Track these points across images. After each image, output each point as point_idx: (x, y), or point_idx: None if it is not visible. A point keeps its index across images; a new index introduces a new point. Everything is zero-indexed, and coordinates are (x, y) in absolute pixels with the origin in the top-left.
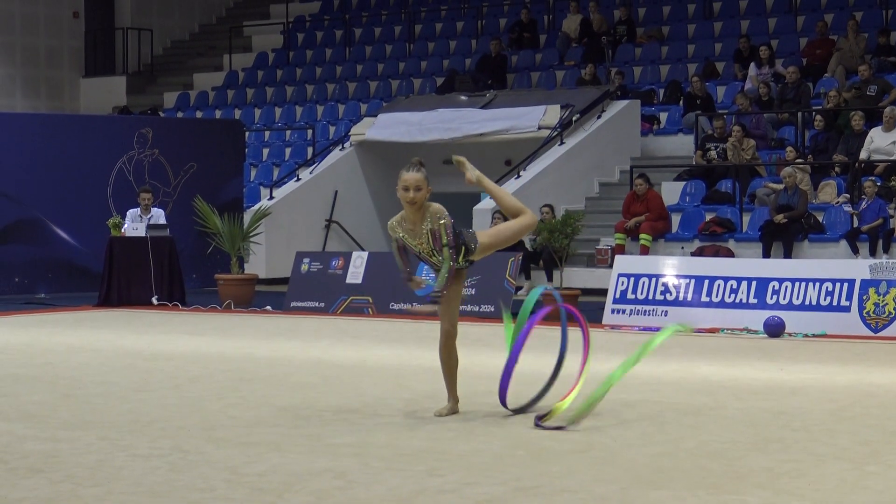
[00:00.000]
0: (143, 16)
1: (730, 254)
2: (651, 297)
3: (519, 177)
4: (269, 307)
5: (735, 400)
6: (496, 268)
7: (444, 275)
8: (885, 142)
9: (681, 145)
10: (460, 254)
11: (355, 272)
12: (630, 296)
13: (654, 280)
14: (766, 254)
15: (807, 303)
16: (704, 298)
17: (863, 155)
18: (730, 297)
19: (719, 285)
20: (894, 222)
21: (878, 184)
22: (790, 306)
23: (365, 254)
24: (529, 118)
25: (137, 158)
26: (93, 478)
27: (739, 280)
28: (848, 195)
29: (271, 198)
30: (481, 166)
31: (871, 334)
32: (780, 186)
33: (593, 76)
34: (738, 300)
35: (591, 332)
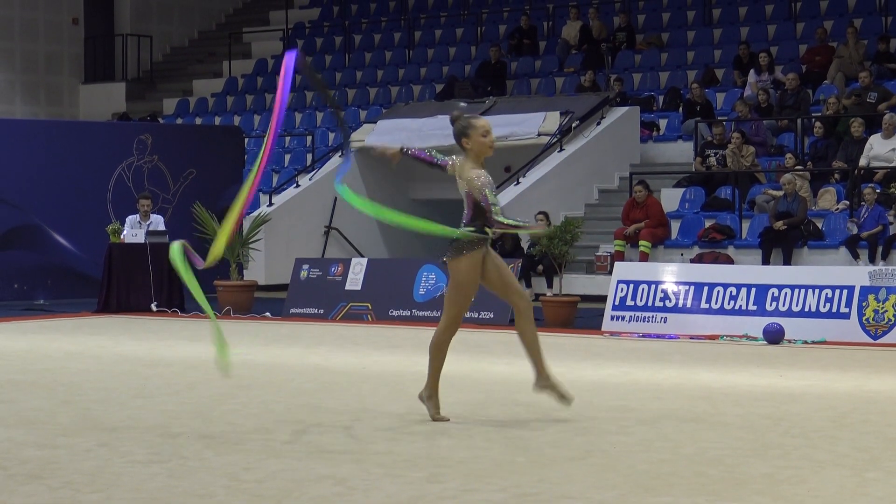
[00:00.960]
0: (142, 22)
1: (729, 260)
2: (650, 303)
3: (518, 183)
4: (268, 314)
5: (734, 406)
6: None
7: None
8: (884, 149)
9: (680, 152)
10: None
11: (354, 279)
12: (629, 302)
13: (653, 287)
14: (766, 260)
15: (806, 309)
16: (704, 305)
17: (862, 162)
18: (729, 303)
19: (719, 292)
20: (894, 229)
21: (878, 191)
22: (790, 313)
23: (364, 260)
24: (529, 125)
25: (137, 165)
26: (92, 484)
27: (739, 287)
28: (847, 202)
29: (270, 204)
30: None
31: (870, 341)
32: (779, 193)
33: (593, 83)
34: (738, 307)
35: (591, 339)
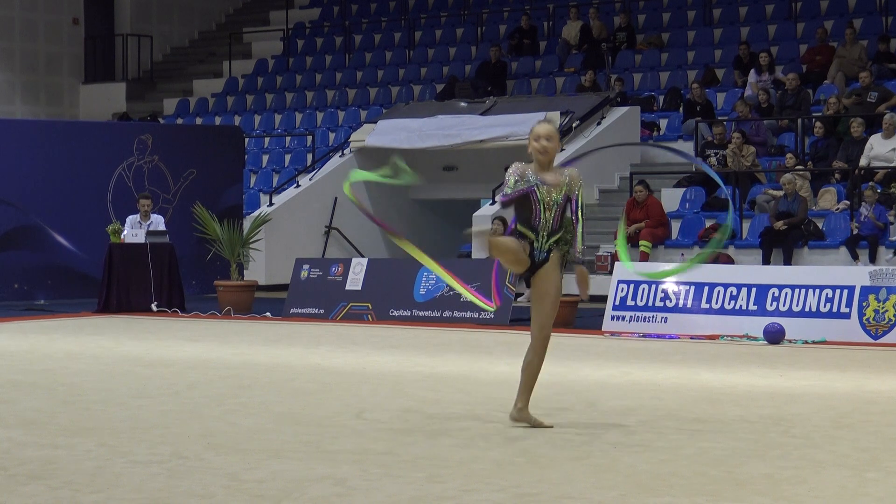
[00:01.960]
0: (142, 22)
1: (730, 260)
2: (651, 303)
3: None
4: (268, 314)
5: (735, 407)
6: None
7: (580, 236)
8: (884, 149)
9: None
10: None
11: (355, 279)
12: (630, 302)
13: (653, 287)
14: (766, 260)
15: (807, 309)
16: (704, 305)
17: (863, 162)
18: (729, 303)
19: (719, 292)
20: (894, 229)
21: (879, 190)
22: (790, 313)
23: (364, 260)
24: (529, 125)
25: (137, 165)
26: (92, 484)
27: (739, 287)
28: (848, 202)
29: (271, 204)
30: (481, 173)
31: (871, 341)
32: (779, 193)
33: (593, 83)
34: (738, 307)
35: (591, 339)
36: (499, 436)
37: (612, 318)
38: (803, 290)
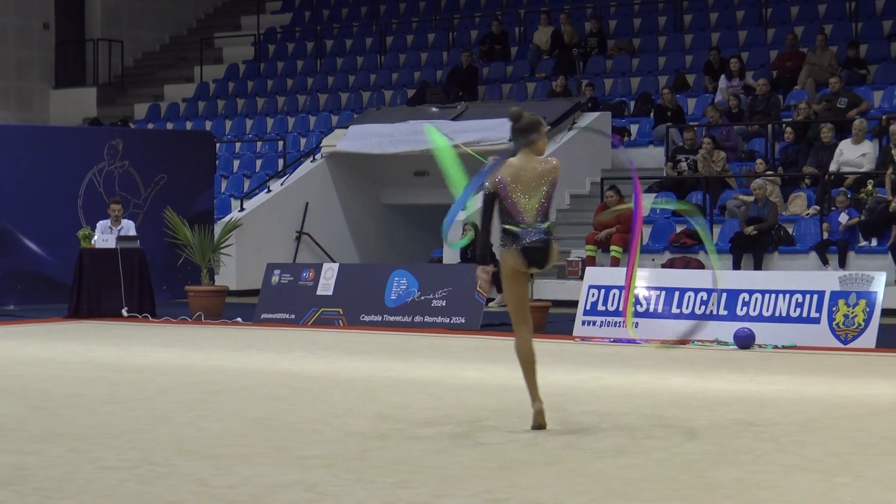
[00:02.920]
0: (113, 27)
1: (700, 266)
2: (622, 308)
3: None
4: (239, 319)
5: (705, 411)
6: (467, 280)
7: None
8: (854, 154)
9: (651, 157)
10: None
11: (326, 284)
12: (601, 307)
13: (624, 292)
14: (737, 265)
15: (777, 314)
16: (675, 310)
17: (832, 167)
18: (700, 308)
19: (690, 297)
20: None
21: (849, 196)
22: (760, 318)
23: (336, 265)
24: (501, 130)
25: (108, 170)
26: (62, 490)
27: (710, 292)
28: (818, 207)
29: (242, 209)
30: None
31: (840, 346)
32: (750, 198)
33: (564, 88)
34: (709, 312)
35: (562, 344)
36: (470, 441)
37: (583, 322)
38: (773, 296)
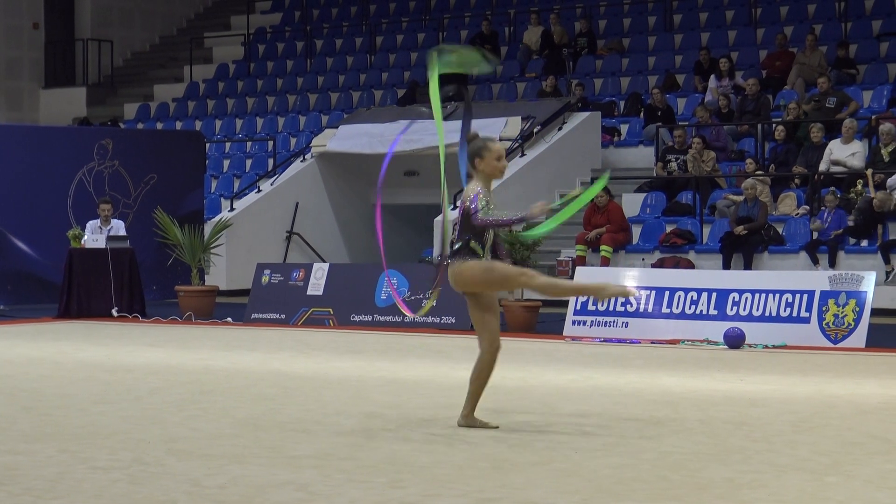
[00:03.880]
0: (103, 27)
1: (690, 265)
2: (612, 308)
3: None
4: (229, 319)
5: (696, 411)
6: None
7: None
8: (843, 154)
9: (641, 157)
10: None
11: (316, 284)
12: (591, 307)
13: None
14: (727, 265)
15: (767, 314)
16: (665, 310)
17: (822, 167)
18: (690, 308)
19: (680, 297)
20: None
21: (839, 195)
22: (750, 317)
23: (326, 265)
24: (490, 130)
25: (98, 170)
26: (53, 490)
27: (700, 291)
28: (808, 207)
29: (232, 209)
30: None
31: (830, 345)
32: (740, 198)
33: (554, 88)
34: (699, 311)
35: (553, 344)
36: (461, 441)
37: (574, 322)
38: (763, 295)
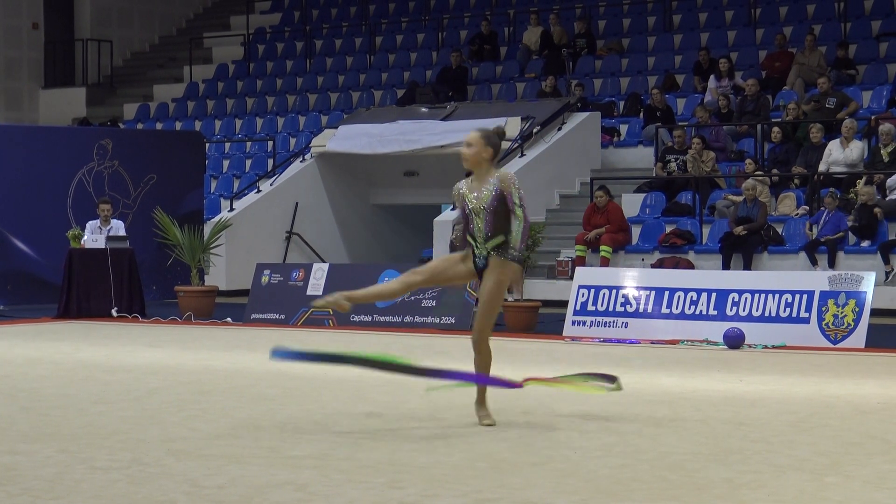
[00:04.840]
0: (102, 27)
1: (690, 266)
2: (611, 308)
3: None
4: (229, 319)
5: (695, 411)
6: None
7: (516, 233)
8: (843, 154)
9: (641, 157)
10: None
11: (316, 284)
12: (590, 307)
13: (614, 292)
14: (726, 265)
15: (766, 314)
16: (664, 310)
17: (821, 167)
18: (690, 308)
19: (679, 297)
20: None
21: (838, 196)
22: (750, 318)
23: (325, 265)
24: None
25: (97, 170)
26: (52, 491)
27: (699, 292)
28: (807, 207)
29: (231, 209)
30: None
31: (830, 346)
32: (739, 198)
33: (554, 88)
34: (698, 312)
35: (552, 344)
36: (460, 441)
37: (573, 323)
38: (763, 295)
